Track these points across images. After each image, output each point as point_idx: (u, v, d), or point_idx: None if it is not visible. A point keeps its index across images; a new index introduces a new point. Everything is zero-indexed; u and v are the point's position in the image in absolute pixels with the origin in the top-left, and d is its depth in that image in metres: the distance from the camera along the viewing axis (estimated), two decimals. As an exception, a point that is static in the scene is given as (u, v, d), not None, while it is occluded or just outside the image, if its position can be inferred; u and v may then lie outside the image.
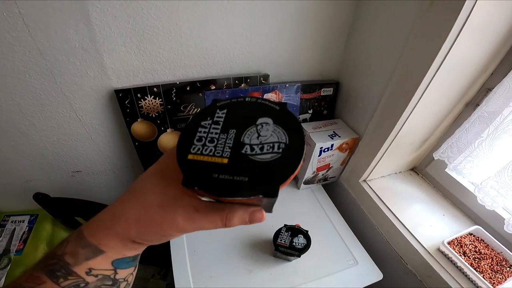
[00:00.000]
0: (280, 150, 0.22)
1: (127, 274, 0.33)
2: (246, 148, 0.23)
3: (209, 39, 0.77)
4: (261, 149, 0.23)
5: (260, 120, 0.24)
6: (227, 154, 0.23)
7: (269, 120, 0.24)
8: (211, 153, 0.23)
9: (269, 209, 0.29)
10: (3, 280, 0.88)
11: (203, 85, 0.83)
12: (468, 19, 0.54)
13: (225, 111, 0.25)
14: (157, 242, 0.30)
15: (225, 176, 0.22)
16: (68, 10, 0.62)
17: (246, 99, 0.26)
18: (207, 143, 0.23)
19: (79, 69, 0.72)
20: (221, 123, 0.24)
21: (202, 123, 0.25)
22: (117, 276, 0.31)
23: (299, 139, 0.23)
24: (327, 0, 0.78)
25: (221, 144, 0.23)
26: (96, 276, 0.29)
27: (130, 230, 0.28)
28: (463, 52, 0.61)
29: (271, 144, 0.23)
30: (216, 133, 0.24)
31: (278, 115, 0.24)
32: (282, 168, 0.22)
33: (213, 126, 0.24)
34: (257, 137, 0.23)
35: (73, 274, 0.28)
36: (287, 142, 0.23)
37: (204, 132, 0.24)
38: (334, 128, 0.96)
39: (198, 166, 0.23)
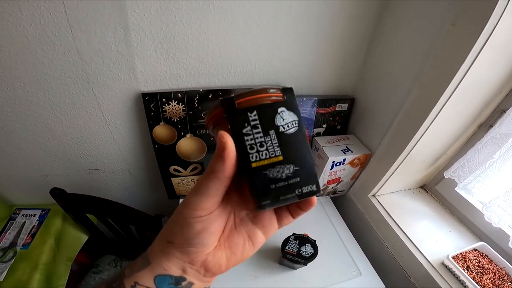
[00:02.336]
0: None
1: None
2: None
3: (233, 49, 0.81)
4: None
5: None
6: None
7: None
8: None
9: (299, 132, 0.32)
10: (4, 273, 0.89)
11: (224, 94, 0.87)
12: (488, 40, 0.57)
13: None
14: (183, 240, 0.30)
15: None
16: (108, 13, 0.66)
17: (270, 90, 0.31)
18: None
19: (112, 71, 0.76)
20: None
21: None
22: None
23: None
24: (347, 18, 0.82)
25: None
26: None
27: (165, 228, 0.31)
28: (480, 73, 0.63)
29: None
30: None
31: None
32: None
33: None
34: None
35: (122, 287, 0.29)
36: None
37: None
38: (347, 143, 0.99)
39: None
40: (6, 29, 0.64)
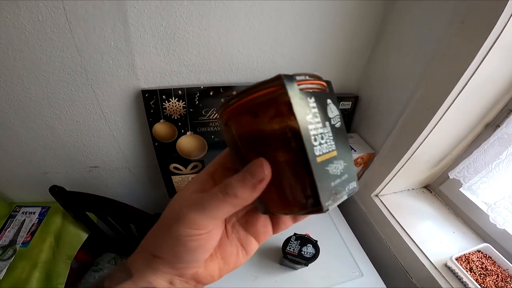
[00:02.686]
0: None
1: None
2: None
3: (235, 45, 0.79)
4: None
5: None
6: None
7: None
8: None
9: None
10: (4, 271, 0.88)
11: (225, 90, 0.85)
12: (498, 39, 0.55)
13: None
14: (173, 257, 0.27)
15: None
16: (107, 9, 0.65)
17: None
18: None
19: (111, 67, 0.74)
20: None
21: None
22: None
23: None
24: (352, 15, 0.80)
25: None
26: None
27: (148, 240, 0.28)
28: (489, 72, 0.61)
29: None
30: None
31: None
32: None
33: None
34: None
35: None
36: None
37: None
38: (351, 142, 0.97)
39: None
40: (4, 25, 0.63)
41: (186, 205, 0.26)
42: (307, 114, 0.23)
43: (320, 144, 0.24)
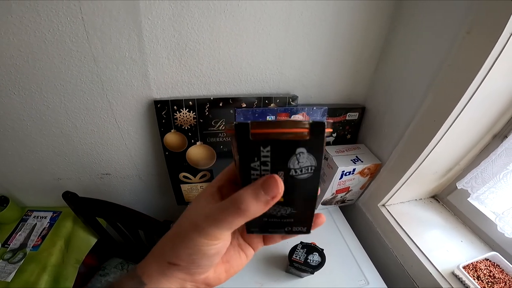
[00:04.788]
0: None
1: None
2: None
3: (244, 57, 0.82)
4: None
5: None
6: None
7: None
8: None
9: (315, 176, 0.29)
10: (13, 274, 0.89)
11: (234, 102, 0.87)
12: (504, 49, 0.56)
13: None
14: (191, 264, 0.28)
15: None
16: (123, 20, 0.68)
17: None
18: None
19: (125, 77, 0.77)
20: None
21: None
22: None
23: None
24: (359, 27, 0.82)
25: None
26: None
27: (163, 248, 0.29)
28: (495, 83, 0.62)
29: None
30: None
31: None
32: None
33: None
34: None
35: None
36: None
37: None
38: (357, 153, 0.98)
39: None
40: (25, 34, 0.66)
41: (202, 218, 0.27)
42: (252, 161, 0.26)
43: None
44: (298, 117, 0.91)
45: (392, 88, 0.89)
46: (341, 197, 1.06)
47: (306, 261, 0.80)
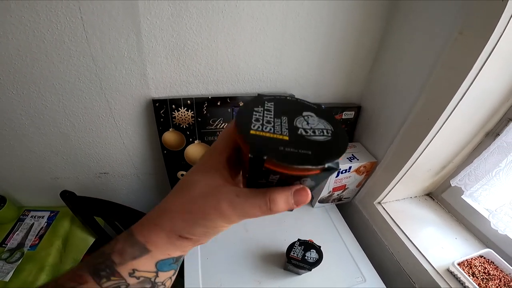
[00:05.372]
0: (330, 134, 0.25)
1: (167, 277, 0.32)
2: (301, 131, 0.25)
3: (241, 57, 0.82)
4: (314, 132, 0.25)
5: (305, 113, 0.27)
6: (286, 133, 0.24)
7: (313, 114, 0.27)
8: (271, 131, 0.24)
9: (314, 187, 0.29)
10: (11, 273, 0.89)
11: (232, 101, 0.88)
12: (495, 48, 0.57)
13: (272, 103, 0.27)
14: (203, 237, 0.29)
15: (291, 149, 0.23)
16: (122, 20, 0.68)
17: (288, 97, 0.29)
18: (265, 123, 0.25)
19: (124, 77, 0.78)
20: (272, 111, 0.26)
21: (255, 108, 0.26)
22: (157, 279, 0.31)
23: (341, 129, 0.26)
24: (354, 28, 0.83)
25: (278, 125, 0.25)
26: (138, 278, 0.29)
27: (176, 223, 0.28)
28: (487, 82, 0.64)
29: (321, 130, 0.25)
30: (270, 117, 0.26)
31: (318, 111, 0.27)
32: (336, 146, 0.24)
33: (265, 112, 0.26)
34: (307, 124, 0.26)
35: (116, 275, 0.28)
36: (333, 130, 0.25)
37: (259, 116, 0.25)
38: (353, 151, 1.00)
39: (262, 140, 0.23)
40: (24, 33, 0.66)
41: (228, 206, 0.26)
42: (260, 179, 0.25)
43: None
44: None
45: (387, 88, 0.90)
46: (338, 195, 1.07)
47: (303, 258, 0.81)
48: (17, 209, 1.10)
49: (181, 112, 0.86)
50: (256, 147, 0.23)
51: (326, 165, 0.23)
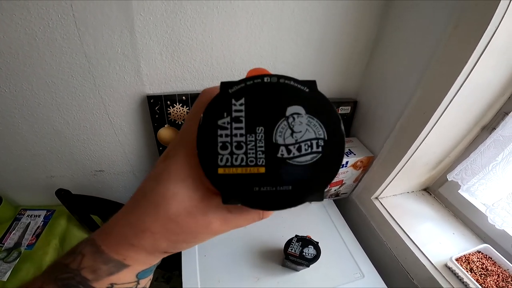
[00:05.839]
0: (320, 148, 0.20)
1: (147, 281, 0.30)
2: (282, 151, 0.20)
3: (237, 52, 0.82)
4: (299, 149, 0.20)
5: (289, 110, 0.20)
6: (262, 162, 0.20)
7: (301, 109, 0.20)
8: (243, 163, 0.20)
9: None
10: (8, 273, 0.89)
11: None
12: (490, 42, 0.57)
13: (242, 101, 0.20)
14: (190, 247, 0.27)
15: (267, 188, 0.20)
16: (115, 16, 0.67)
17: (265, 79, 0.21)
18: (234, 151, 0.20)
19: (118, 73, 0.77)
20: (243, 119, 0.20)
21: (220, 122, 0.20)
22: (139, 286, 0.29)
23: (338, 130, 0.20)
24: (350, 23, 0.82)
25: (251, 149, 0.20)
26: None
27: (159, 243, 0.25)
28: (483, 75, 0.63)
29: (309, 143, 0.20)
30: (241, 135, 0.20)
31: (309, 99, 0.20)
32: (325, 169, 0.20)
33: (234, 125, 0.20)
34: (291, 134, 0.20)
35: None
36: (326, 138, 0.20)
37: (226, 136, 0.20)
38: (350, 146, 0.99)
39: (233, 181, 0.20)
40: (15, 31, 0.65)
41: (218, 223, 0.24)
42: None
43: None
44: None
45: (383, 82, 0.90)
46: (335, 190, 1.07)
47: (301, 254, 0.81)
48: (14, 208, 1.09)
49: (176, 108, 0.85)
50: (227, 193, 0.20)
51: (308, 202, 0.20)
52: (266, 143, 0.20)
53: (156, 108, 0.84)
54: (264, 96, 0.20)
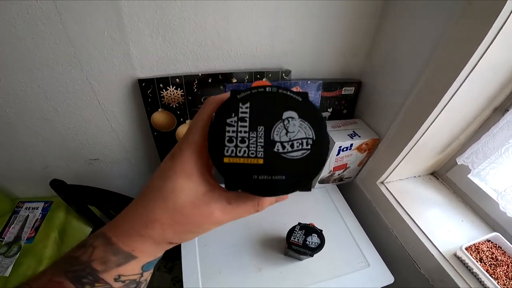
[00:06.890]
0: (309, 146, 0.24)
1: (149, 275, 0.32)
2: (278, 146, 0.24)
3: (233, 32, 0.77)
4: (292, 146, 0.24)
5: (285, 114, 0.25)
6: (261, 154, 0.24)
7: (295, 114, 0.25)
8: (245, 155, 0.24)
9: None
10: (10, 268, 0.88)
11: (224, 78, 0.83)
12: (507, 21, 0.52)
13: (248, 104, 0.25)
14: (193, 238, 0.30)
15: (264, 177, 0.24)
16: (99, -1, 0.63)
17: (267, 89, 0.26)
18: (239, 144, 0.24)
19: (106, 58, 0.73)
20: (247, 119, 0.25)
21: (228, 120, 0.25)
22: (142, 279, 0.31)
23: (324, 132, 0.25)
24: (354, -1, 0.77)
25: (253, 144, 0.24)
26: (124, 281, 0.29)
27: (166, 234, 0.28)
28: (497, 55, 0.59)
29: (300, 141, 0.24)
30: (245, 132, 0.25)
31: (302, 107, 0.25)
32: (313, 164, 0.24)
33: (240, 124, 0.25)
34: (286, 133, 0.25)
35: (100, 281, 0.27)
36: (314, 138, 0.25)
37: (233, 132, 0.24)
38: (354, 127, 0.95)
39: (236, 169, 0.24)
40: (-8, 19, 0.61)
41: (221, 214, 0.27)
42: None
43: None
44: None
45: (389, 62, 0.85)
46: (339, 174, 1.03)
47: (304, 243, 0.78)
48: (11, 201, 1.08)
49: (170, 91, 0.81)
50: (231, 180, 0.24)
51: (297, 191, 0.25)
52: (265, 140, 0.24)
53: (148, 91, 0.80)
54: (266, 102, 0.25)
